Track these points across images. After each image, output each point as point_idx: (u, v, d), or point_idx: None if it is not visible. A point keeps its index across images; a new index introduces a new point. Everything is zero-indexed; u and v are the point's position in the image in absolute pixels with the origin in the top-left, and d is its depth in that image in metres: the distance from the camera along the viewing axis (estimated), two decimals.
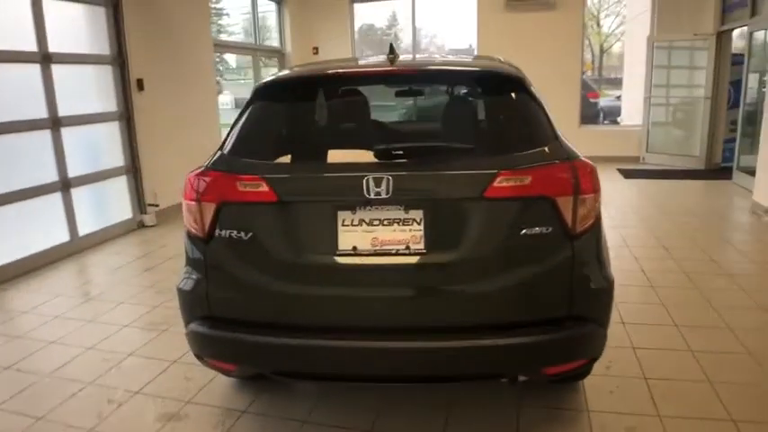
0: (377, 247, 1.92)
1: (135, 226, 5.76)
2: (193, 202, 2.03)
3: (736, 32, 7.49)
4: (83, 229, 5.13)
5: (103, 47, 5.38)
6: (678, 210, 6.00)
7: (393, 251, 1.91)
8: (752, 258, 4.44)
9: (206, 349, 2.14)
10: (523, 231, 1.89)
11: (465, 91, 2.15)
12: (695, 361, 2.81)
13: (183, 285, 2.14)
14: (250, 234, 1.95)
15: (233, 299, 2.03)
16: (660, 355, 2.90)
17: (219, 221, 1.98)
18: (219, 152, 2.12)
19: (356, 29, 9.90)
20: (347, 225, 1.92)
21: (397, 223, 1.91)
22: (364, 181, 1.86)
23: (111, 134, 5.57)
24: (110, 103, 5.50)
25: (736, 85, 7.55)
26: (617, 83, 23.60)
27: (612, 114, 14.66)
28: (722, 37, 7.45)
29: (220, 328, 2.03)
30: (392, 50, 2.38)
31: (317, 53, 9.56)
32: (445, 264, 1.91)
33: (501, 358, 1.94)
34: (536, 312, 1.96)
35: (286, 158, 2.06)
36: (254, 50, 8.55)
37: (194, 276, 2.10)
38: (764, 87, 6.42)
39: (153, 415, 2.52)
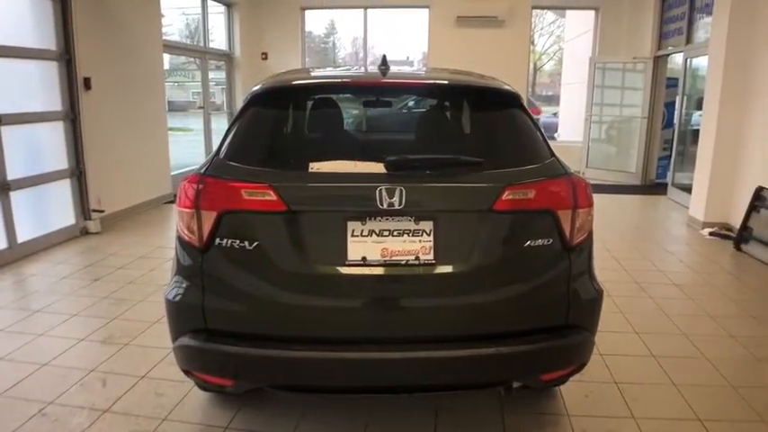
0: (386, 258, 1.91)
1: (78, 233, 5.40)
2: (190, 210, 1.93)
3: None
4: (22, 236, 4.76)
5: (49, 42, 5.04)
6: (622, 223, 6.37)
7: (403, 262, 1.92)
8: (695, 269, 4.77)
9: (199, 364, 2.03)
10: (527, 243, 1.97)
11: (468, 105, 2.19)
12: (658, 365, 2.99)
13: (172, 296, 2.03)
14: (255, 244, 1.89)
15: (233, 310, 1.94)
16: (626, 360, 3.05)
17: (220, 230, 1.90)
18: (216, 158, 2.04)
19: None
20: (357, 235, 1.91)
21: (407, 234, 1.92)
22: (377, 191, 1.86)
23: (54, 135, 5.21)
24: (54, 102, 5.15)
25: (669, 106, 8.14)
26: (549, 100, 24.77)
27: (550, 130, 15.39)
28: (658, 61, 8.02)
29: (218, 341, 1.94)
30: (384, 62, 2.40)
31: (266, 59, 9.42)
32: (454, 274, 1.93)
33: (507, 366, 1.98)
34: (537, 321, 2.03)
35: (289, 166, 2.01)
36: (203, 53, 8.29)
37: (187, 287, 2.00)
38: (698, 111, 6.97)
39: None
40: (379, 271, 1.91)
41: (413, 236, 1.91)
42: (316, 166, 1.99)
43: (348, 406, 2.56)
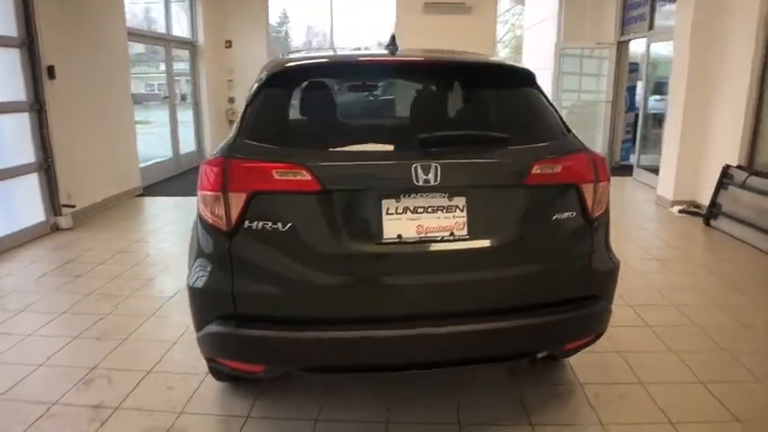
0: (422, 235, 1.91)
1: (48, 230, 5.14)
2: (216, 193, 1.87)
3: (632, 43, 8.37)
4: None
5: (9, 28, 4.75)
6: None
7: (438, 238, 1.92)
8: (672, 245, 5.00)
9: (229, 351, 1.99)
10: (554, 217, 2.02)
11: (487, 83, 2.20)
12: (654, 335, 3.13)
13: (196, 282, 1.98)
14: (289, 225, 1.84)
15: (264, 294, 1.90)
16: (624, 331, 3.17)
17: (249, 212, 1.85)
18: (237, 138, 1.97)
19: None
20: (392, 213, 1.90)
21: (441, 210, 1.92)
22: (413, 168, 1.86)
23: (19, 127, 4.92)
24: (18, 92, 4.86)
25: (631, 91, 8.44)
26: None
27: None
28: (622, 47, 8.29)
29: (250, 326, 1.89)
30: (393, 42, 2.39)
31: (230, 47, 9.18)
32: (487, 249, 1.96)
33: (538, 336, 2.04)
34: (562, 293, 2.09)
35: (319, 145, 1.97)
36: (167, 41, 8.00)
37: (213, 272, 1.94)
38: (658, 96, 7.27)
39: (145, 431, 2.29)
40: (415, 248, 1.91)
41: (447, 212, 1.92)
42: (347, 145, 1.96)
43: (369, 388, 2.56)
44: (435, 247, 1.92)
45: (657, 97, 7.72)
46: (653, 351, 2.96)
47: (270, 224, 1.85)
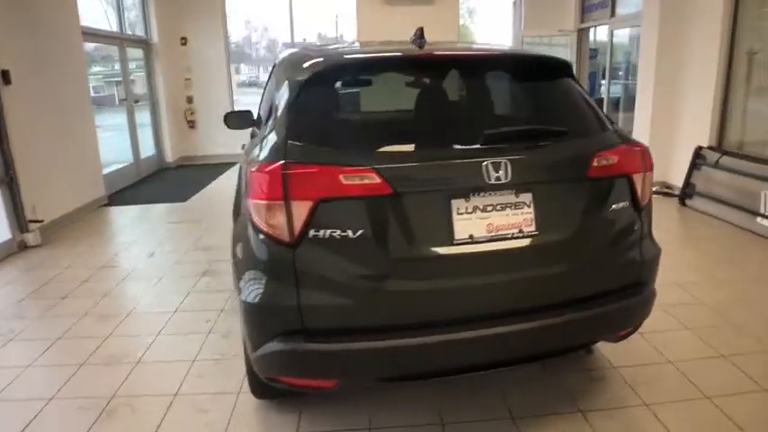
0: (492, 233, 1.88)
1: (15, 248, 4.75)
2: (275, 202, 1.76)
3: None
4: None
5: None
6: None
7: (508, 235, 1.90)
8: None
9: (298, 368, 1.89)
10: (612, 207, 2.04)
11: (530, 75, 2.18)
12: (667, 314, 3.24)
13: (254, 298, 1.86)
14: (360, 231, 1.76)
15: (335, 305, 1.81)
16: None
17: (315, 221, 1.75)
18: (287, 141, 1.86)
19: None
20: (462, 213, 1.85)
21: (509, 207, 1.89)
22: (483, 166, 1.82)
23: None
24: None
25: (592, 76, 8.70)
26: None
27: None
28: (582, 33, 8.52)
29: (322, 340, 1.80)
30: (422, 35, 2.33)
31: (185, 44, 8.77)
32: (554, 243, 1.95)
33: (600, 325, 2.08)
34: (619, 281, 2.13)
35: (379, 146, 1.88)
36: (121, 40, 7.55)
37: (274, 286, 1.84)
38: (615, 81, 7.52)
39: None
40: (487, 247, 1.88)
41: (515, 209, 1.90)
42: (407, 144, 1.89)
43: (414, 393, 2.52)
44: (506, 244, 1.89)
45: (614, 82, 8.01)
46: (670, 330, 3.06)
47: (338, 232, 1.76)
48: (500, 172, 1.83)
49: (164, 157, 8.63)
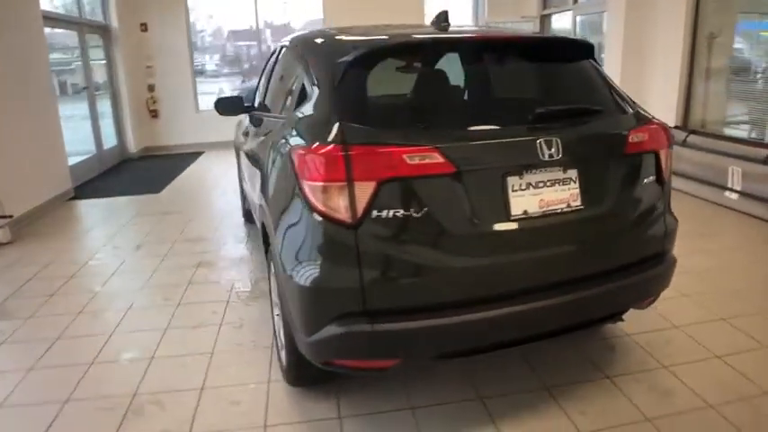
0: (544, 209, 1.94)
1: None
2: (336, 183, 1.74)
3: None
4: None
5: None
6: None
7: (558, 210, 1.96)
8: None
9: (360, 350, 1.88)
10: (644, 181, 2.15)
11: (559, 58, 2.24)
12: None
13: (313, 281, 1.83)
14: (423, 210, 1.77)
15: (398, 285, 1.82)
16: None
17: (378, 201, 1.74)
18: (340, 123, 1.84)
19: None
20: (516, 190, 1.90)
21: (558, 183, 1.96)
22: (537, 144, 1.87)
23: None
24: None
25: None
26: None
27: None
28: (544, 20, 8.73)
29: (386, 320, 1.80)
30: (446, 18, 2.34)
31: (145, 30, 8.40)
32: (597, 217, 2.04)
33: (634, 292, 2.20)
34: (648, 251, 2.24)
35: (434, 126, 1.90)
36: (80, 25, 7.12)
37: (335, 268, 1.82)
38: None
39: None
40: (540, 222, 1.94)
41: (563, 185, 1.97)
42: (461, 124, 1.92)
43: (445, 370, 2.55)
44: (556, 219, 1.96)
45: None
46: (670, 297, 3.18)
47: (401, 211, 1.76)
48: (552, 149, 1.89)
49: (126, 148, 8.26)
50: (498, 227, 1.89)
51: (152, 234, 4.78)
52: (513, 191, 1.89)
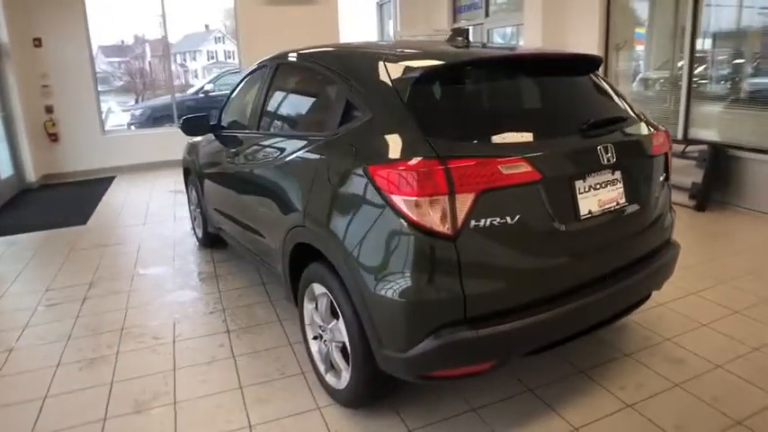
0: (602, 208, 2.15)
1: None
2: (437, 196, 1.79)
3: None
4: None
5: None
6: None
7: (611, 209, 2.19)
8: None
9: (462, 357, 1.93)
10: (659, 179, 2.46)
11: (584, 72, 2.46)
12: None
13: (413, 295, 1.86)
14: (517, 217, 1.89)
15: (494, 290, 1.91)
16: None
17: (476, 211, 1.82)
18: (425, 137, 1.89)
19: None
20: (582, 192, 2.09)
21: (610, 184, 2.18)
22: (598, 150, 2.08)
23: None
24: None
25: None
26: None
27: None
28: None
29: (490, 324, 1.88)
30: (467, 35, 2.50)
31: (39, 45, 7.54)
32: (638, 212, 2.30)
33: (659, 276, 2.49)
34: (662, 239, 2.55)
35: (511, 137, 2.03)
36: None
37: (436, 279, 1.86)
38: None
39: None
40: (601, 220, 2.15)
41: (613, 185, 2.19)
42: (532, 134, 2.05)
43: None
44: (610, 216, 2.19)
45: None
46: None
47: (498, 219, 1.86)
48: (608, 154, 2.12)
49: (24, 177, 7.35)
50: (572, 227, 2.07)
51: (103, 269, 4.34)
52: (580, 193, 2.08)
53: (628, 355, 2.77)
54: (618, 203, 2.21)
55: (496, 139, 2.00)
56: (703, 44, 5.46)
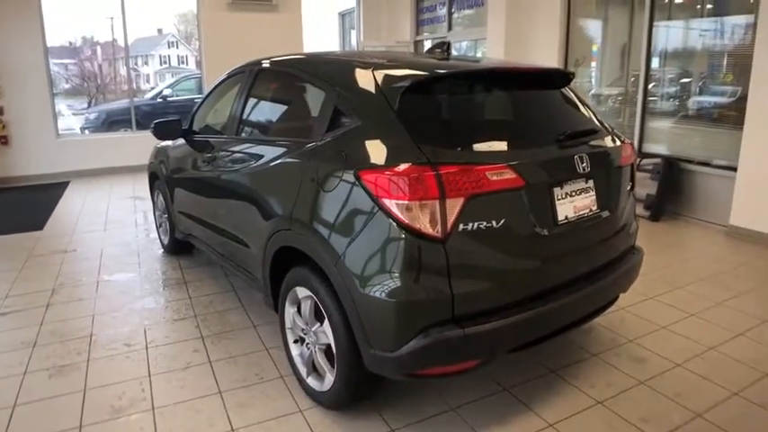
0: (577, 214, 2.28)
1: None
2: (428, 201, 1.86)
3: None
4: None
5: None
6: None
7: (585, 215, 2.32)
8: None
9: (449, 355, 1.99)
10: (626, 187, 2.61)
11: (556, 85, 2.58)
12: None
13: (403, 295, 1.92)
14: (502, 221, 1.98)
15: (480, 290, 2.00)
16: None
17: (464, 215, 1.90)
18: (416, 144, 1.96)
19: None
20: (559, 199, 2.20)
21: (583, 192, 2.31)
22: (575, 159, 2.21)
23: None
24: None
25: None
26: None
27: None
28: (417, 45, 9.41)
29: (477, 323, 1.96)
30: (448, 48, 2.62)
31: None
32: (608, 218, 2.45)
33: (625, 281, 2.63)
34: (628, 245, 2.71)
35: (495, 145, 2.12)
36: None
37: (425, 280, 1.93)
38: None
39: None
40: (576, 225, 2.27)
41: (586, 193, 2.32)
42: (512, 144, 2.16)
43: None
44: (584, 223, 2.32)
45: None
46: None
47: (484, 223, 1.95)
48: (584, 163, 2.26)
49: None
50: (551, 231, 2.18)
51: (65, 276, 4.19)
52: (557, 199, 2.20)
53: (595, 355, 2.92)
54: (591, 210, 2.35)
55: (482, 147, 2.10)
56: (657, 63, 5.81)
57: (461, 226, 1.91)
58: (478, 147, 2.09)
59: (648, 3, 5.52)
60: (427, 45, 9.54)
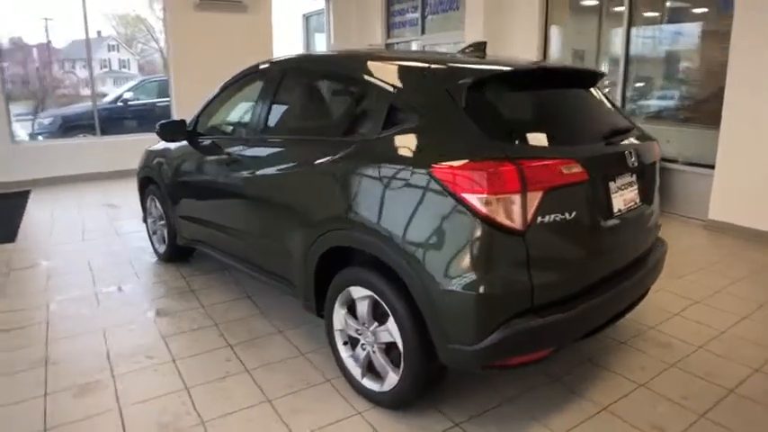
0: (627, 206, 2.41)
1: None
2: (510, 195, 1.92)
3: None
4: None
5: None
6: None
7: (633, 207, 2.46)
8: None
9: (531, 344, 2.06)
10: (657, 182, 2.77)
11: (592, 84, 2.70)
12: None
13: (486, 289, 1.95)
14: (573, 213, 2.07)
15: (557, 279, 2.08)
16: None
17: (542, 208, 1.98)
18: (491, 140, 2.02)
19: None
20: (614, 192, 2.32)
21: (630, 186, 2.45)
22: (626, 154, 2.36)
23: None
24: None
25: None
26: None
27: None
28: (389, 47, 9.45)
29: (551, 312, 2.03)
30: (484, 49, 2.70)
31: None
32: (648, 210, 2.61)
33: (660, 266, 2.80)
34: (658, 234, 2.88)
35: (559, 141, 2.20)
36: None
37: (507, 272, 1.98)
38: None
39: None
40: (626, 216, 2.40)
41: (631, 186, 2.46)
42: (569, 139, 2.27)
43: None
44: (632, 214, 2.45)
45: None
46: None
47: (558, 215, 2.03)
48: (633, 158, 2.40)
49: None
50: (611, 222, 2.30)
51: (56, 290, 3.92)
52: (612, 193, 2.32)
53: (623, 342, 3.05)
54: (635, 203, 2.49)
55: (548, 142, 2.18)
56: (634, 68, 6.08)
57: (539, 218, 1.98)
58: (542, 142, 2.18)
59: (627, 10, 5.81)
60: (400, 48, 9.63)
